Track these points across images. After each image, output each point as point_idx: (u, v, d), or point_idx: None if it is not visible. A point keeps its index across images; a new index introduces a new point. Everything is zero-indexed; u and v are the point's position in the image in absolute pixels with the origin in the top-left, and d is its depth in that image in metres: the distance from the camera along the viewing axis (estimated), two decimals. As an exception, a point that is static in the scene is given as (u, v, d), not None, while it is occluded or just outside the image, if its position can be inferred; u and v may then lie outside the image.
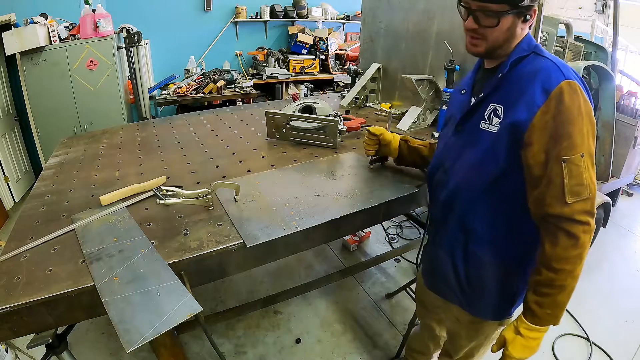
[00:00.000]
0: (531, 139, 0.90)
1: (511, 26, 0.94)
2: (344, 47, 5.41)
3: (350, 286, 2.57)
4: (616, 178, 3.01)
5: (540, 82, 0.90)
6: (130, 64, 2.95)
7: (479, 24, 0.94)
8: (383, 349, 2.11)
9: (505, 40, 0.96)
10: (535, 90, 0.90)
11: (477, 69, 1.14)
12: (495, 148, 0.98)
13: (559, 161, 0.88)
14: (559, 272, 0.90)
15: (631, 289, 2.60)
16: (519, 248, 1.05)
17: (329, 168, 1.60)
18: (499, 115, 0.97)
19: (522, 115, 0.91)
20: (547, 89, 0.89)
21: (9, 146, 3.50)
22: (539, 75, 0.91)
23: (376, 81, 2.61)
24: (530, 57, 0.97)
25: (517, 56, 0.97)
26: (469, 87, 1.12)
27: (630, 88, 3.23)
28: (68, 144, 2.04)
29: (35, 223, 1.26)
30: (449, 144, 1.15)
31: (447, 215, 1.15)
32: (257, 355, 2.07)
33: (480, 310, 1.19)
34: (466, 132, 1.08)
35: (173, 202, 1.28)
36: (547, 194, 0.90)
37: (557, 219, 0.90)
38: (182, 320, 0.88)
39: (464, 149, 1.08)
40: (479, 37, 0.97)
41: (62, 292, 0.94)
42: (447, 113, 1.24)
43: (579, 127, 0.88)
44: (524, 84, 0.93)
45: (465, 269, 1.14)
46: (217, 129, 2.16)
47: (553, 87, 0.88)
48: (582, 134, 0.88)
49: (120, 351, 2.03)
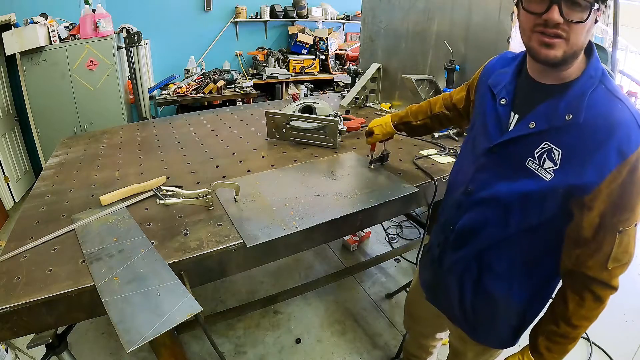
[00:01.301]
0: (593, 203, 0.78)
1: (591, 27, 0.74)
2: (344, 47, 5.41)
3: (350, 286, 2.57)
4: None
5: (618, 141, 0.73)
6: (130, 64, 2.95)
7: (564, 18, 0.72)
8: (383, 349, 2.11)
9: (579, 47, 0.76)
10: (611, 151, 0.74)
11: (517, 72, 0.93)
12: (544, 200, 0.84)
13: (615, 231, 0.79)
14: (577, 328, 0.89)
15: (631, 289, 2.60)
16: (534, 288, 0.99)
17: (329, 168, 1.60)
18: (554, 161, 0.80)
19: (591, 178, 0.76)
20: (624, 152, 0.73)
21: (9, 146, 3.50)
22: (618, 131, 0.74)
23: (376, 81, 2.61)
24: (601, 92, 0.78)
25: (589, 88, 0.78)
26: (509, 97, 0.92)
27: (630, 88, 3.23)
28: (68, 144, 2.04)
29: (35, 223, 1.26)
30: (479, 164, 0.97)
31: (464, 242, 1.02)
32: (257, 355, 2.07)
33: (484, 339, 1.13)
34: (504, 160, 0.91)
35: (173, 202, 1.28)
36: (591, 257, 0.83)
37: (591, 281, 0.85)
38: (182, 320, 0.88)
39: (499, 179, 0.92)
40: (559, 36, 0.73)
41: (62, 292, 0.94)
42: (476, 115, 1.05)
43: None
44: (599, 139, 0.75)
45: (472, 301, 1.06)
46: (217, 129, 2.16)
47: (632, 152, 0.73)
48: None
49: (120, 351, 2.03)
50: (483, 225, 0.97)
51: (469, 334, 1.14)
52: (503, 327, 1.06)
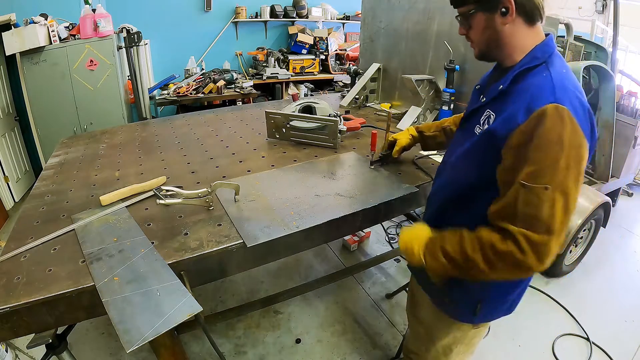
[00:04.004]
0: (505, 154, 0.86)
1: (487, 25, 0.92)
2: (344, 47, 5.41)
3: (350, 286, 2.57)
4: (616, 178, 3.01)
5: (529, 99, 0.84)
6: (130, 64, 2.95)
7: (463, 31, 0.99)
8: (383, 349, 2.11)
9: (490, 41, 0.94)
10: (520, 107, 0.84)
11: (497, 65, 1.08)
12: (476, 153, 0.96)
13: (517, 183, 0.82)
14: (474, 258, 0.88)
15: (631, 289, 2.60)
16: None
17: (329, 168, 1.60)
18: (489, 123, 0.94)
19: (502, 130, 0.87)
20: (531, 109, 0.82)
21: (9, 146, 3.50)
22: (530, 91, 0.85)
23: (376, 81, 2.61)
24: (540, 68, 0.89)
25: (527, 66, 0.90)
26: (483, 84, 1.10)
27: (630, 88, 3.23)
28: (68, 144, 2.04)
29: (35, 223, 1.26)
30: (454, 138, 1.17)
31: (428, 207, 1.21)
32: (257, 355, 2.07)
33: (445, 307, 1.20)
34: (465, 131, 1.07)
35: (173, 202, 1.28)
36: (503, 207, 0.86)
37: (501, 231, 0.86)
38: (182, 320, 0.88)
39: (457, 147, 1.08)
40: (470, 42, 1.00)
41: (62, 292, 0.94)
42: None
43: (553, 157, 0.79)
44: (515, 98, 0.88)
45: None
46: (217, 129, 2.16)
47: (538, 107, 0.81)
48: (556, 167, 0.79)
49: (120, 351, 2.03)
50: (440, 188, 1.14)
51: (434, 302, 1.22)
52: (458, 296, 1.12)
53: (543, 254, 0.81)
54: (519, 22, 0.90)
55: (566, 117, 0.79)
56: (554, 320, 2.32)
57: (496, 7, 0.89)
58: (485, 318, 1.17)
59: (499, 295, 1.10)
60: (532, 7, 0.89)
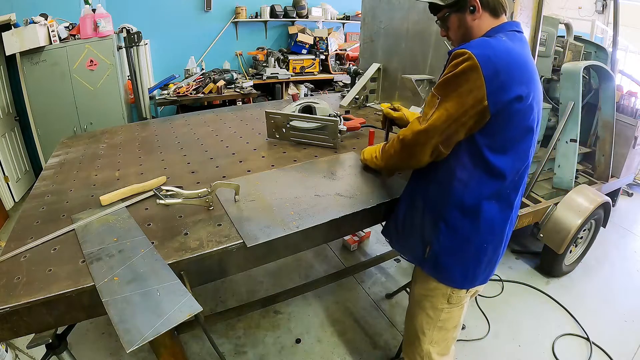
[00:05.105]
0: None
1: (460, 24, 1.11)
2: (344, 47, 5.41)
3: (350, 286, 2.57)
4: (616, 178, 3.01)
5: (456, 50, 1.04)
6: (130, 64, 2.95)
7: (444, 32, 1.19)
8: (383, 349, 2.11)
9: (465, 36, 1.12)
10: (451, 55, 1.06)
11: None
12: None
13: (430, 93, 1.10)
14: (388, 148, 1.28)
15: (631, 289, 2.60)
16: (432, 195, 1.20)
17: (329, 168, 1.60)
18: None
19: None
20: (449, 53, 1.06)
21: (9, 146, 3.50)
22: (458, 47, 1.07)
23: (376, 81, 2.61)
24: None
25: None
26: None
27: (630, 88, 3.22)
28: (68, 144, 2.04)
29: (35, 223, 1.26)
30: None
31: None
32: (257, 355, 2.07)
33: (405, 249, 1.39)
34: None
35: (173, 202, 1.28)
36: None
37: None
38: (182, 320, 0.88)
39: None
40: (451, 41, 1.20)
41: (62, 292, 0.94)
42: None
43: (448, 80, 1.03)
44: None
45: (403, 212, 1.31)
46: (217, 129, 2.16)
47: (455, 50, 1.03)
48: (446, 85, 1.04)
49: (120, 351, 2.03)
50: None
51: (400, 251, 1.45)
52: (415, 236, 1.26)
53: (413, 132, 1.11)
54: (485, 16, 1.08)
55: (468, 58, 0.98)
56: (554, 320, 2.32)
57: (465, 7, 1.08)
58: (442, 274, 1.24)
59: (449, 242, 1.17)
60: (495, 3, 1.07)
